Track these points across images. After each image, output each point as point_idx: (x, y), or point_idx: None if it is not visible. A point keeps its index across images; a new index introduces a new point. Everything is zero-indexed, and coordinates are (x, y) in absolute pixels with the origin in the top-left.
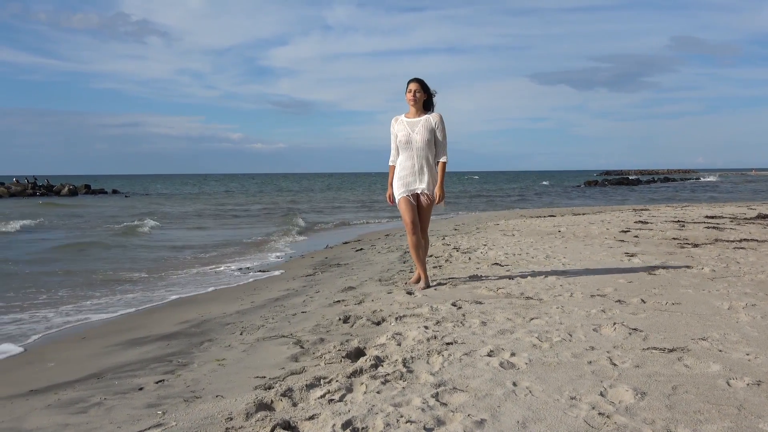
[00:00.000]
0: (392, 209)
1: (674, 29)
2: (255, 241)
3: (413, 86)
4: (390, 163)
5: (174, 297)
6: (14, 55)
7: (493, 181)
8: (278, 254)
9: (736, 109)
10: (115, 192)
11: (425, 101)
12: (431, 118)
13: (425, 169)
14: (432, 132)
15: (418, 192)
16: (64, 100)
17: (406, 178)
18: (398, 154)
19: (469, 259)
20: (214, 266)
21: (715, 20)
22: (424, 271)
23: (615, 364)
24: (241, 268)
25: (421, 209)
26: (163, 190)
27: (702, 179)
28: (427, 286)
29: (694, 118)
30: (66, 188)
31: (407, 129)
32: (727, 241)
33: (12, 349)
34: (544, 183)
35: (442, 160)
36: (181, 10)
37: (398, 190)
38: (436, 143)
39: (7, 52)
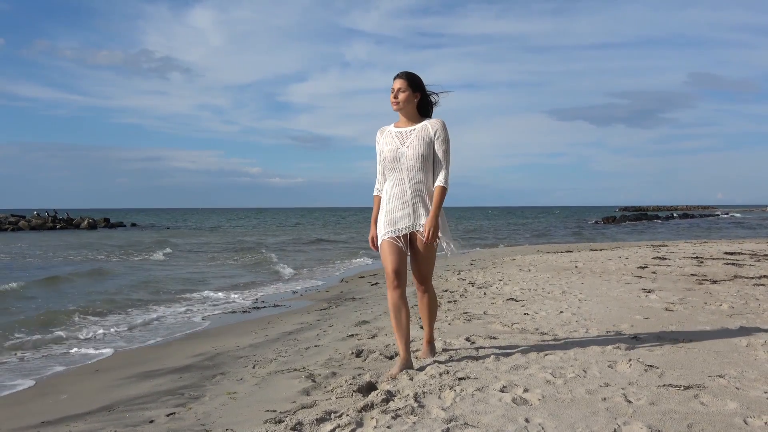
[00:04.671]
0: None
1: (691, 66)
2: None
3: (396, 84)
4: (375, 193)
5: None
6: (40, 91)
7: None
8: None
9: (755, 145)
10: (134, 225)
11: (420, 103)
12: (429, 126)
13: (421, 198)
14: (430, 144)
15: (412, 230)
16: (86, 134)
17: (392, 213)
18: (385, 179)
19: (485, 294)
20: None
21: (732, 57)
22: (415, 340)
23: (630, 401)
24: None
25: (417, 254)
26: (200, 223)
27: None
28: (432, 352)
29: (713, 154)
30: (86, 221)
31: (395, 142)
32: (747, 277)
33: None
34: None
35: (439, 184)
36: (204, 47)
37: (382, 229)
38: (435, 161)
39: (33, 88)
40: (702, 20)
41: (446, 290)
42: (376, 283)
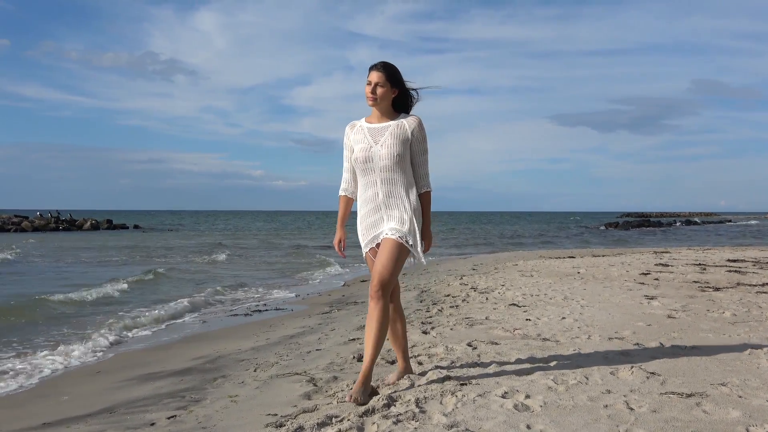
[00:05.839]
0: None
1: (695, 73)
2: None
3: (373, 76)
4: (341, 193)
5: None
6: (45, 92)
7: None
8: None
9: (758, 152)
10: (136, 227)
11: (397, 99)
12: (406, 124)
13: (394, 201)
14: (406, 143)
15: (385, 236)
16: (90, 136)
17: (367, 218)
18: (354, 179)
19: (487, 299)
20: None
21: (736, 64)
22: (403, 356)
23: (632, 409)
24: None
25: (381, 252)
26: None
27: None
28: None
29: (716, 161)
30: (88, 223)
31: (368, 140)
32: (750, 285)
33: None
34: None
35: (428, 188)
36: (208, 50)
37: (362, 238)
38: (412, 162)
39: (38, 89)
40: (705, 28)
41: (448, 295)
42: None
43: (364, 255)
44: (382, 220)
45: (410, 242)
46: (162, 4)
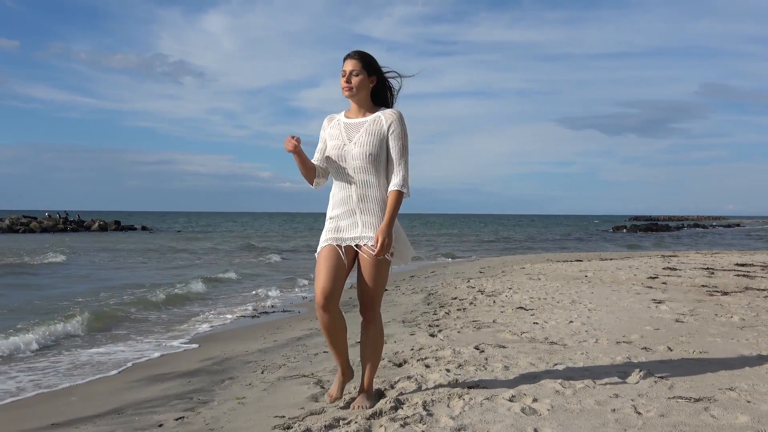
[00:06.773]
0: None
1: (704, 76)
2: None
3: (348, 65)
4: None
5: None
6: (53, 93)
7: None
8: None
9: (767, 156)
10: (144, 228)
11: (376, 90)
12: (383, 118)
13: (370, 205)
14: (382, 141)
15: (356, 243)
16: (99, 137)
17: (337, 220)
18: (322, 163)
19: (494, 302)
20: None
21: (745, 67)
22: (342, 381)
23: (639, 413)
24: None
25: (364, 271)
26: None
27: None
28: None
29: (724, 165)
30: (96, 224)
31: (342, 137)
32: (758, 289)
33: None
34: None
35: (395, 188)
36: (217, 52)
37: (324, 234)
38: (388, 159)
39: (47, 90)
40: (714, 31)
41: (455, 298)
42: (385, 290)
43: (320, 248)
44: (357, 225)
45: (392, 252)
46: (170, 6)
